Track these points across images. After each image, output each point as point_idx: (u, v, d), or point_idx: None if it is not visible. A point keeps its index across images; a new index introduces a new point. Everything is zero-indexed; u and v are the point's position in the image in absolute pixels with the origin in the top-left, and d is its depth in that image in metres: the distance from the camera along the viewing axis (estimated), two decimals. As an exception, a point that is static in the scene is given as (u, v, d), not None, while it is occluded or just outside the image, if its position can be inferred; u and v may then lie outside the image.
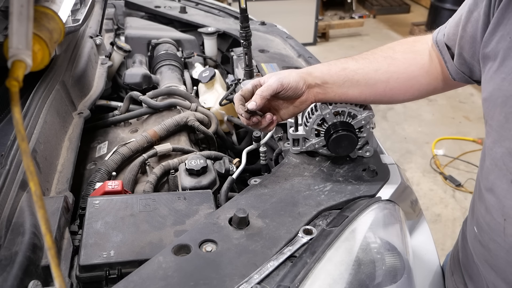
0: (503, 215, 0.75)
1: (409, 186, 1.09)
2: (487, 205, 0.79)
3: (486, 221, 0.80)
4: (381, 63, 0.97)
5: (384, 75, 0.96)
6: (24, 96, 1.18)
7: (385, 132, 3.65)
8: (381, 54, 0.99)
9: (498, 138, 0.75)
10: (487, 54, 0.77)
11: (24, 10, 0.48)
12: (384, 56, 0.98)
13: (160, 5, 2.28)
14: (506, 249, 0.76)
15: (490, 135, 0.77)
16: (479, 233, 0.83)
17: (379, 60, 0.97)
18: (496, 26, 0.74)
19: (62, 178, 1.08)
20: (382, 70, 0.96)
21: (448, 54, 0.91)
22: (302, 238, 0.84)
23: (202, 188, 1.06)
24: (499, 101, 0.73)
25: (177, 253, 0.79)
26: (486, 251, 0.81)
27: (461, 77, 0.90)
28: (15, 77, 0.47)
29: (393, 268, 0.85)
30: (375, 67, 0.97)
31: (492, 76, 0.75)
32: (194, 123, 1.36)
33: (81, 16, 1.39)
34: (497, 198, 0.76)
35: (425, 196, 2.97)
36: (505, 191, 0.74)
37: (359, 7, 6.40)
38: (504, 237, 0.75)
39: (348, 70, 0.97)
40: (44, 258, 0.80)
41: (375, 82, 0.96)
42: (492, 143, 0.76)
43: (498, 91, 0.73)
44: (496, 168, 0.75)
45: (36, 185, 0.44)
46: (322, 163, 1.07)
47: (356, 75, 0.97)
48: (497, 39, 0.74)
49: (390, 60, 0.97)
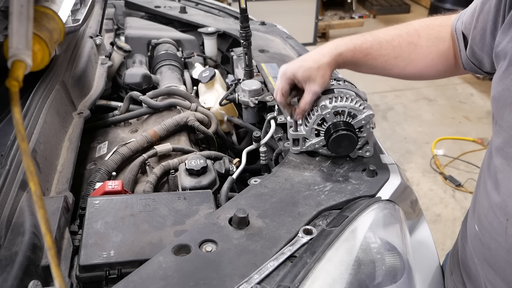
0: (506, 215, 0.75)
1: (409, 186, 1.09)
2: (491, 203, 0.79)
3: (489, 220, 0.80)
4: (403, 50, 0.99)
5: (403, 62, 0.99)
6: (24, 96, 1.18)
7: (385, 132, 3.65)
8: (406, 39, 0.99)
9: (509, 139, 0.74)
10: (498, 53, 0.77)
11: (24, 10, 0.48)
12: (409, 42, 0.99)
13: (160, 5, 2.28)
14: (507, 248, 0.75)
15: (500, 134, 0.77)
16: (480, 231, 0.83)
17: (403, 46, 0.99)
18: (509, 26, 0.74)
19: (62, 178, 1.07)
20: (402, 58, 0.98)
21: (463, 43, 0.92)
22: (302, 238, 0.84)
23: (202, 188, 1.06)
24: (508, 102, 0.73)
25: (177, 253, 0.79)
26: (486, 249, 0.81)
27: (471, 67, 0.91)
28: (15, 77, 0.47)
29: (393, 268, 0.85)
30: (396, 55, 0.99)
31: (502, 76, 0.75)
32: (194, 123, 1.36)
33: (81, 16, 1.39)
34: (501, 197, 0.76)
35: (425, 196, 2.97)
36: (511, 190, 0.74)
37: (359, 7, 6.40)
38: (505, 236, 0.75)
39: (370, 56, 0.99)
40: (44, 258, 0.80)
41: (392, 68, 1.00)
42: (503, 143, 0.76)
43: (508, 91, 0.73)
44: (508, 168, 0.75)
45: (36, 185, 0.44)
46: (322, 163, 1.07)
47: (375, 61, 0.99)
48: (508, 39, 0.74)
49: (413, 47, 0.98)
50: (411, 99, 4.15)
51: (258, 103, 1.39)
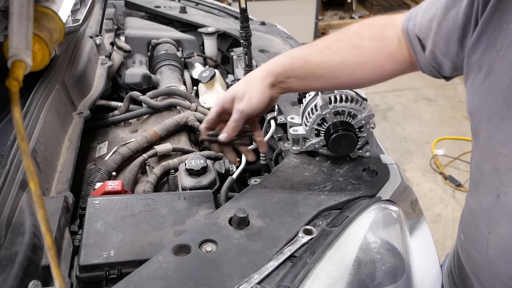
0: (488, 228, 0.74)
1: (409, 186, 1.09)
2: (474, 215, 0.79)
3: (471, 231, 0.79)
4: (347, 53, 0.91)
5: (349, 66, 0.91)
6: (24, 96, 1.18)
7: (385, 132, 3.65)
8: (347, 42, 0.93)
9: (485, 154, 0.74)
10: (471, 64, 0.75)
11: (24, 10, 0.48)
12: (350, 45, 0.92)
13: (160, 5, 2.28)
14: (488, 261, 0.75)
15: (478, 149, 0.76)
16: (464, 241, 0.83)
17: (345, 50, 0.92)
18: (480, 35, 0.72)
19: (62, 178, 1.07)
20: (347, 61, 0.91)
21: (419, 46, 0.87)
22: (302, 238, 0.84)
23: (202, 188, 1.06)
24: (483, 117, 0.72)
25: (177, 253, 0.79)
26: (471, 259, 0.81)
27: (430, 71, 0.88)
28: (15, 77, 0.47)
29: (393, 268, 0.85)
30: (340, 59, 0.91)
31: (477, 89, 0.73)
32: (194, 123, 1.36)
33: (81, 16, 1.39)
34: (484, 210, 0.75)
35: (425, 196, 2.97)
36: (492, 205, 0.73)
37: (359, 7, 6.39)
38: (486, 249, 0.75)
39: (311, 63, 0.92)
40: (44, 258, 0.80)
41: (340, 74, 0.92)
42: (480, 157, 0.76)
43: (483, 105, 0.72)
44: (484, 182, 0.75)
45: (36, 185, 0.44)
46: (322, 163, 1.07)
47: (319, 69, 0.92)
48: (481, 50, 0.72)
49: (356, 50, 0.91)
50: (411, 99, 4.15)
51: (258, 103, 1.38)
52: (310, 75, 0.92)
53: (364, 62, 0.91)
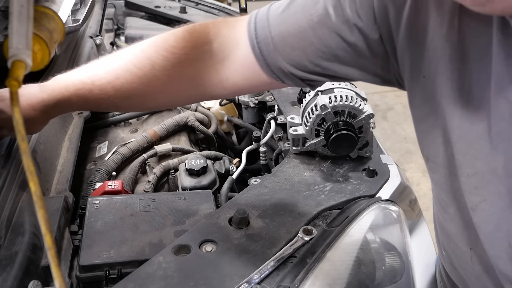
0: (468, 245, 0.70)
1: (408, 186, 1.09)
2: (449, 234, 0.74)
3: (452, 249, 0.76)
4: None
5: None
6: (24, 96, 1.18)
7: (385, 132, 3.65)
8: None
9: (448, 175, 0.69)
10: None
11: (24, 10, 0.48)
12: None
13: (160, 5, 2.28)
14: (476, 276, 0.72)
15: (439, 171, 0.72)
16: (447, 256, 0.80)
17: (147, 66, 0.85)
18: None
19: (62, 178, 1.07)
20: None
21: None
22: (302, 238, 0.84)
23: (202, 188, 1.06)
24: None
25: (177, 253, 0.79)
26: (457, 273, 0.79)
27: (275, 77, 0.80)
28: (15, 77, 0.47)
29: (393, 268, 0.85)
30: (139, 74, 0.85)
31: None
32: (194, 123, 1.36)
33: (81, 16, 1.39)
34: (459, 229, 0.70)
35: (425, 196, 2.97)
36: (466, 224, 0.68)
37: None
38: (472, 265, 0.71)
39: (96, 78, 0.83)
40: (44, 258, 0.80)
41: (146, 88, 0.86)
42: (444, 178, 0.71)
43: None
44: (455, 201, 0.69)
45: (36, 185, 0.44)
46: (322, 163, 1.07)
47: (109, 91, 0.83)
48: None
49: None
50: (411, 99, 4.15)
51: (258, 103, 1.39)
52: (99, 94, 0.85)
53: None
